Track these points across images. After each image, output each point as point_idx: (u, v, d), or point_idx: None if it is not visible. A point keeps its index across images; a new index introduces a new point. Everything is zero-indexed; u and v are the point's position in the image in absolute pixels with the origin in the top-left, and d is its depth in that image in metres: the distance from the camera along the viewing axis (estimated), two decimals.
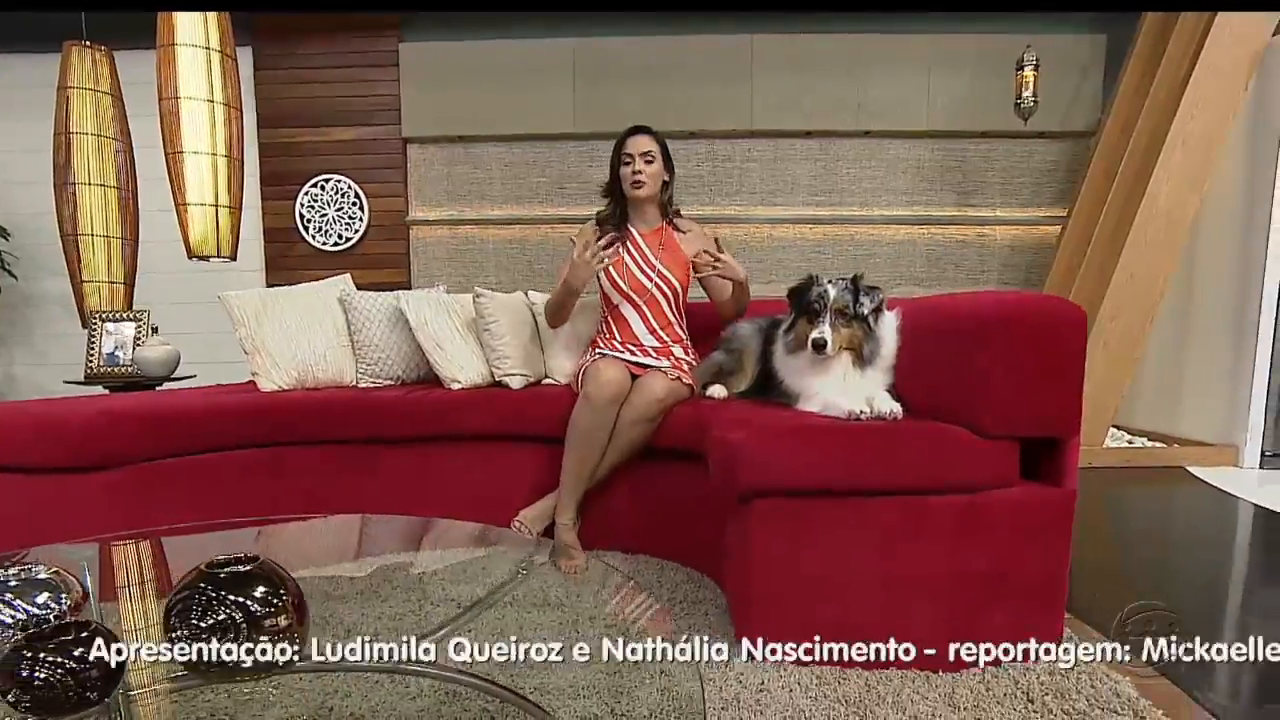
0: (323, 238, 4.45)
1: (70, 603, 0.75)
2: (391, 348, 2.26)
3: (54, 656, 0.62)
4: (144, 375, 2.62)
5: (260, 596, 0.69)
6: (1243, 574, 2.20)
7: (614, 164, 2.15)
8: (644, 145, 2.09)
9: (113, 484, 1.64)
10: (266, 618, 0.68)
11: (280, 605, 0.69)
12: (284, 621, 0.69)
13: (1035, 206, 4.47)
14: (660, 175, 2.12)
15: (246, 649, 0.67)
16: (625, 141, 2.12)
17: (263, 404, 1.93)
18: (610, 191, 2.18)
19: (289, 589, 0.70)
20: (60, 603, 0.74)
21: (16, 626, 0.72)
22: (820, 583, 1.36)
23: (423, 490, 2.00)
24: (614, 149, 2.16)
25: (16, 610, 0.72)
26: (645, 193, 2.10)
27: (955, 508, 1.34)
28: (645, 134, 2.12)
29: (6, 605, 0.72)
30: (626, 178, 2.09)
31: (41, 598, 0.74)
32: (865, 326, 1.57)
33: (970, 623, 1.35)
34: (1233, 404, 3.31)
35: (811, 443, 1.36)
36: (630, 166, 2.08)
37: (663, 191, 2.16)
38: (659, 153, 2.11)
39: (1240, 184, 3.33)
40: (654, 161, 2.09)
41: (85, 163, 2.72)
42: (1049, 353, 1.34)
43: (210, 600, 0.68)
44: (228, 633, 0.67)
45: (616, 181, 2.14)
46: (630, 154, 2.09)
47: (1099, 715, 1.20)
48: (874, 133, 4.46)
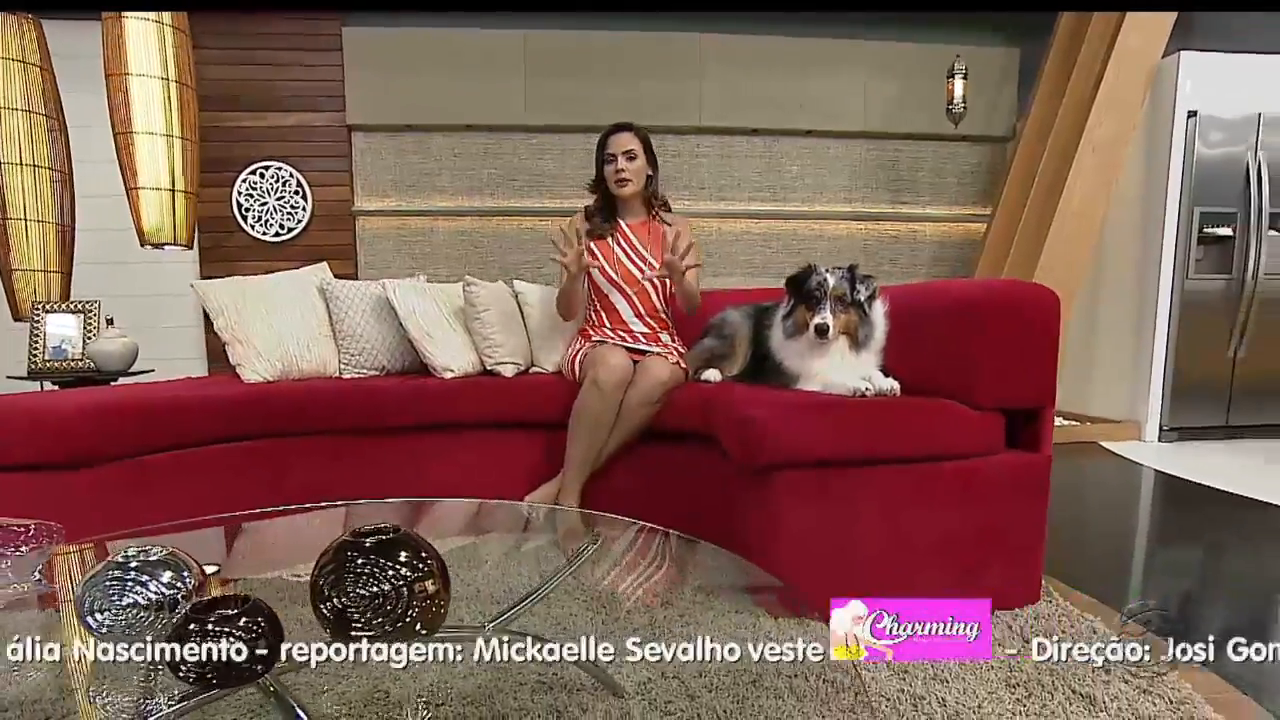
0: (262, 228, 4.24)
1: (194, 582, 0.74)
2: (376, 337, 2.22)
3: (221, 629, 0.63)
4: (100, 369, 2.43)
5: (407, 562, 0.71)
6: (1147, 525, 2.65)
7: (598, 161, 2.20)
8: (626, 143, 2.14)
9: (104, 480, 1.55)
10: (416, 582, 0.71)
11: (427, 570, 0.72)
12: (432, 587, 0.71)
13: (960, 205, 4.81)
14: (644, 171, 2.18)
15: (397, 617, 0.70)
16: (608, 140, 2.17)
17: (256, 395, 1.87)
18: (596, 188, 2.22)
19: (433, 555, 0.73)
20: (185, 582, 0.74)
21: (151, 607, 0.71)
22: (837, 545, 1.47)
23: (421, 479, 1.99)
24: (597, 147, 2.20)
25: (149, 590, 0.71)
26: (629, 190, 2.16)
27: (953, 473, 1.49)
28: (626, 131, 2.17)
29: (141, 586, 0.71)
30: (610, 176, 2.14)
31: (165, 577, 0.73)
32: (861, 312, 1.70)
33: (968, 576, 1.50)
34: (1135, 386, 3.71)
35: (827, 418, 1.47)
36: (613, 165, 2.13)
37: (646, 186, 2.22)
38: (641, 149, 2.17)
39: (1140, 188, 3.73)
40: (636, 158, 2.15)
41: (15, 141, 2.49)
42: (1031, 333, 1.51)
43: (362, 568, 0.70)
44: (385, 599, 0.69)
45: (602, 179, 2.19)
46: (613, 153, 2.14)
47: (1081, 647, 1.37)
48: (815, 132, 4.67)
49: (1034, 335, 1.51)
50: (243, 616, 0.64)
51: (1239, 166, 3.52)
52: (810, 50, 4.55)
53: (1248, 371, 3.61)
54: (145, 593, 0.71)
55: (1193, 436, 3.66)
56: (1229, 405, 3.64)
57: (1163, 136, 3.59)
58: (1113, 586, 1.81)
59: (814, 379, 1.71)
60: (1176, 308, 3.58)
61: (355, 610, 0.68)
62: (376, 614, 0.69)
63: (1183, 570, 2.11)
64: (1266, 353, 3.59)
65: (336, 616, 0.69)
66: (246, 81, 4.16)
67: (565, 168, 4.53)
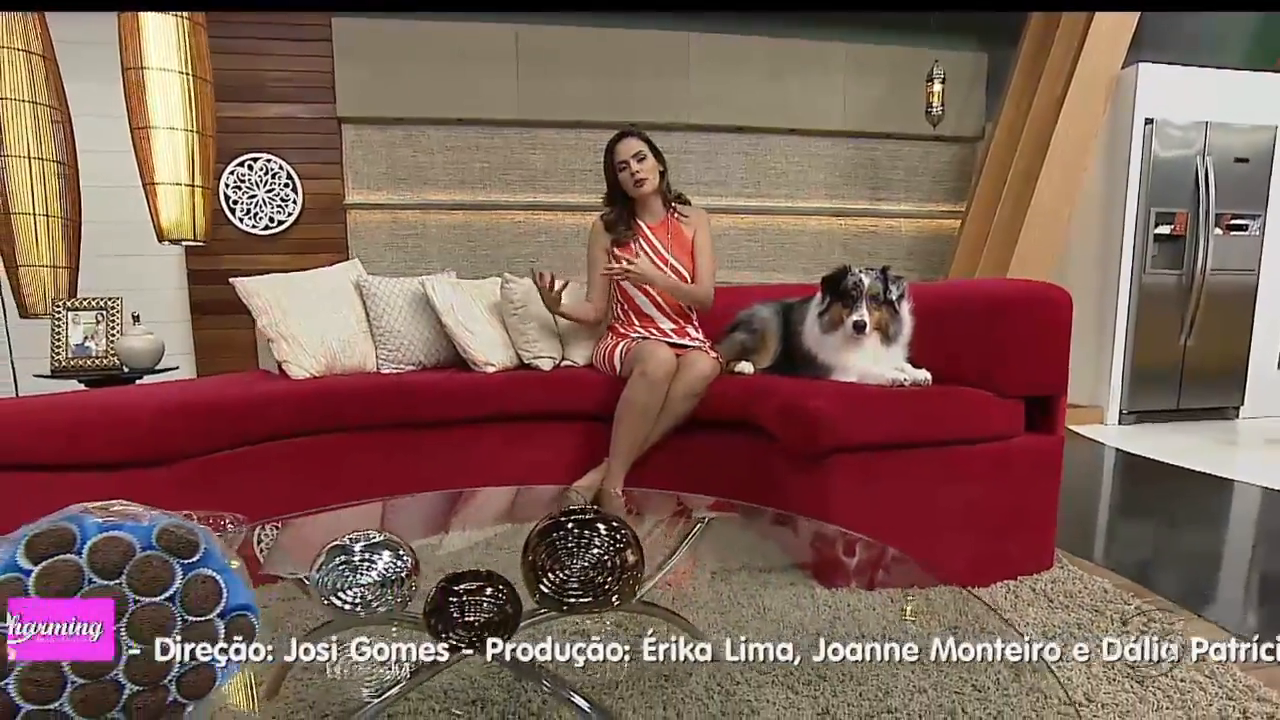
0: (252, 221, 4.16)
1: (412, 560, 0.83)
2: (413, 332, 2.27)
3: (475, 599, 0.73)
4: (128, 367, 2.39)
5: (609, 535, 0.82)
6: (1109, 495, 2.95)
7: (608, 172, 2.28)
8: (634, 147, 2.24)
9: (179, 477, 1.58)
10: (620, 553, 0.82)
11: (628, 542, 0.83)
12: (633, 558, 0.82)
13: (934, 202, 5.06)
14: (656, 168, 2.28)
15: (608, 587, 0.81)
16: (614, 149, 2.26)
17: (315, 392, 1.91)
18: (612, 198, 2.31)
19: (629, 530, 0.84)
20: (404, 560, 0.83)
21: (378, 584, 0.80)
22: (880, 520, 1.62)
23: (470, 470, 2.06)
24: (605, 158, 2.29)
25: (377, 569, 0.80)
26: (648, 188, 2.26)
27: (981, 455, 1.67)
28: (630, 136, 2.26)
29: (370, 566, 0.80)
30: (627, 181, 2.24)
31: (386, 557, 0.82)
32: (892, 310, 1.86)
33: (992, 545, 1.68)
34: (1098, 373, 4.01)
35: (876, 406, 1.62)
36: (627, 170, 2.22)
37: (661, 181, 2.32)
38: (648, 149, 2.26)
39: (1102, 190, 4.02)
40: (645, 158, 2.24)
41: (19, 134, 2.42)
42: (1050, 328, 1.69)
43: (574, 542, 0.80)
44: (600, 568, 0.80)
45: (617, 186, 2.28)
46: (624, 159, 2.23)
47: (1098, 604, 1.57)
48: (798, 130, 4.84)
49: (1052, 329, 1.69)
50: (488, 587, 0.74)
51: (1189, 170, 3.83)
52: (793, 51, 4.71)
53: (1196, 359, 3.95)
54: (376, 571, 0.80)
55: (1148, 419, 3.99)
56: (1180, 390, 3.98)
57: (1122, 142, 3.88)
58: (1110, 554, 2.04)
59: (848, 371, 1.86)
60: (1135, 301, 3.89)
61: (577, 581, 0.78)
62: (589, 585, 0.80)
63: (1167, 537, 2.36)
64: (1212, 342, 3.94)
65: (555, 590, 0.79)
66: (233, 71, 4.06)
67: (557, 162, 4.58)
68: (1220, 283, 3.88)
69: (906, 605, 1.48)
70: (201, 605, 0.62)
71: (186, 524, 0.63)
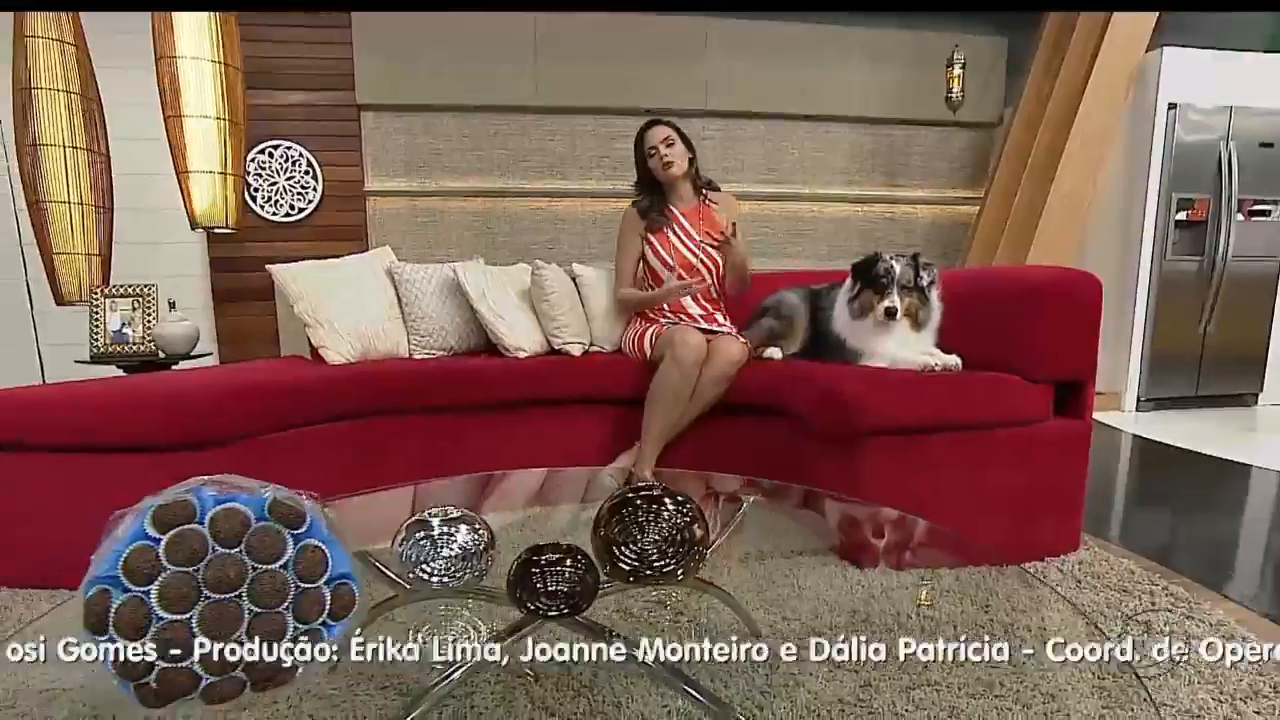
0: (272, 208, 4.20)
1: (489, 535, 0.87)
2: (444, 318, 2.31)
3: (556, 570, 0.77)
4: (164, 353, 2.45)
5: (676, 511, 0.86)
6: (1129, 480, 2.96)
7: (638, 160, 2.32)
8: (662, 133, 2.28)
9: (232, 459, 1.63)
10: (687, 527, 0.85)
11: (694, 517, 0.86)
12: (699, 532, 0.86)
13: (951, 188, 5.05)
14: (685, 153, 2.32)
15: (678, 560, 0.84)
16: (643, 137, 2.31)
17: (356, 376, 1.96)
18: (642, 185, 2.35)
19: (695, 505, 0.88)
20: (481, 534, 0.87)
21: (458, 557, 0.84)
22: (912, 502, 1.65)
23: (504, 453, 2.10)
24: (635, 147, 2.33)
25: (457, 542, 0.84)
26: (677, 171, 2.29)
27: (1011, 438, 1.69)
28: (659, 124, 2.32)
29: (449, 540, 0.84)
30: (657, 166, 2.28)
31: (464, 531, 0.86)
32: (922, 296, 1.88)
33: (1022, 528, 1.71)
34: (1116, 359, 4.01)
35: (909, 390, 1.65)
36: (656, 155, 2.26)
37: (690, 168, 2.35)
38: (677, 135, 2.30)
39: (1123, 176, 4.00)
40: (674, 144, 2.29)
41: (55, 123, 2.45)
42: (1080, 314, 1.71)
43: (644, 517, 0.84)
44: (670, 542, 0.83)
45: (647, 172, 2.31)
46: (653, 145, 2.27)
47: (1125, 585, 1.60)
48: (815, 116, 4.83)
49: (1082, 316, 1.71)
50: (568, 559, 0.78)
51: (1212, 155, 3.81)
52: (811, 36, 4.69)
53: (1215, 346, 3.95)
54: (457, 545, 0.84)
55: (1166, 406, 4.00)
56: (1199, 377, 3.98)
57: (1145, 127, 3.85)
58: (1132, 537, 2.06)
59: (878, 357, 1.89)
60: (1154, 287, 3.88)
61: (649, 554, 0.82)
62: (661, 558, 0.83)
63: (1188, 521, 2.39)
64: (1232, 329, 3.93)
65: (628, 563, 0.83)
66: (253, 59, 4.05)
67: (575, 149, 4.60)
68: (1241, 269, 3.87)
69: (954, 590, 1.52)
70: (311, 573, 0.66)
71: (294, 496, 0.67)
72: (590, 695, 1.13)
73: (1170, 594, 1.55)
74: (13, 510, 1.61)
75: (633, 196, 2.40)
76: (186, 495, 0.64)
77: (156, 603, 0.60)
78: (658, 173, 2.29)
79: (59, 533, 1.58)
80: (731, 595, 1.26)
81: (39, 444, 1.58)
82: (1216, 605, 1.52)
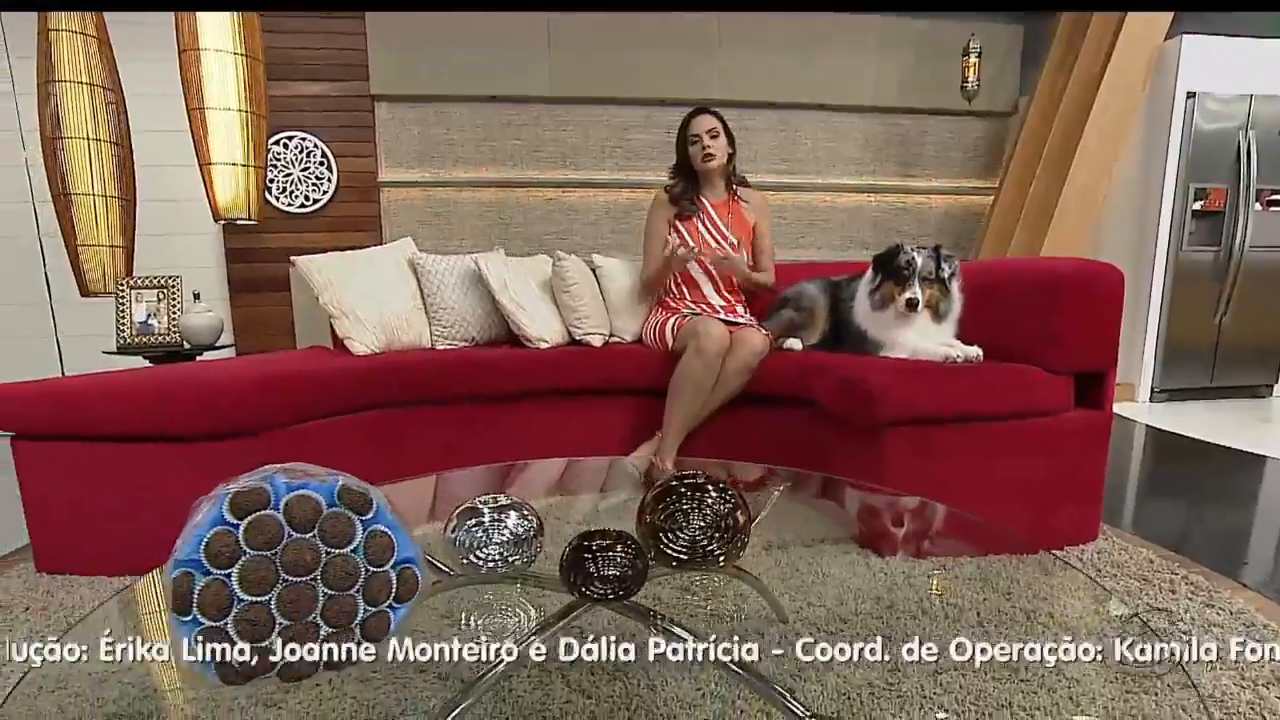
0: (287, 199, 4.22)
1: (537, 521, 0.90)
2: (466, 309, 2.34)
3: (607, 555, 0.80)
4: (189, 343, 2.48)
5: (719, 499, 0.88)
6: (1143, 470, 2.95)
7: (680, 145, 2.35)
8: (708, 123, 2.30)
9: (269, 447, 1.66)
10: (730, 514, 0.88)
11: (737, 503, 0.89)
12: (742, 518, 0.89)
13: (965, 178, 5.03)
14: (726, 148, 2.34)
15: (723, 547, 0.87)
16: (690, 123, 2.32)
17: (384, 366, 1.99)
18: (679, 170, 2.37)
19: (737, 492, 0.90)
20: (529, 520, 0.89)
21: (510, 543, 0.87)
22: (934, 493, 1.67)
23: (526, 443, 2.14)
24: (679, 131, 2.36)
25: (508, 529, 0.87)
26: (715, 164, 2.31)
27: (1032, 429, 1.71)
28: (706, 113, 2.33)
29: (500, 526, 0.87)
30: (697, 155, 2.30)
31: (514, 518, 0.89)
32: (944, 288, 1.89)
33: (1042, 518, 1.73)
34: (1130, 350, 4.01)
35: (931, 381, 1.67)
36: (699, 144, 2.28)
37: (729, 162, 2.37)
38: (721, 128, 2.32)
39: (1140, 165, 3.98)
40: (719, 136, 2.31)
41: (79, 115, 2.48)
42: (1102, 306, 1.72)
43: (688, 504, 0.86)
44: (714, 528, 0.86)
45: (686, 160, 2.33)
46: (697, 134, 2.29)
47: (1144, 573, 1.62)
48: (828, 106, 4.81)
49: (1104, 307, 1.72)
50: (618, 544, 0.80)
51: (1231, 144, 3.78)
52: (822, 24, 4.66)
53: (1231, 337, 3.94)
54: (508, 531, 0.86)
55: (1180, 397, 4.00)
56: (1213, 368, 3.97)
57: (1163, 116, 3.83)
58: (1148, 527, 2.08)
59: (899, 348, 1.91)
60: (1170, 278, 3.87)
61: (693, 541, 0.85)
62: (706, 544, 0.86)
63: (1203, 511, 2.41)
64: (1248, 320, 3.92)
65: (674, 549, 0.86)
66: (267, 49, 4.06)
67: (588, 140, 4.60)
68: (1259, 259, 3.85)
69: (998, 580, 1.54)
70: (379, 557, 0.68)
71: (361, 483, 0.70)
72: (626, 679, 1.16)
73: (1190, 583, 1.57)
74: (48, 498, 1.65)
75: (647, 186, 2.43)
76: (261, 482, 0.67)
77: (238, 585, 0.62)
78: (696, 162, 2.32)
79: (94, 521, 1.63)
80: (761, 581, 1.29)
81: (73, 434, 1.61)
82: (1236, 594, 1.54)
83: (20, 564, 1.76)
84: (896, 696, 1.14)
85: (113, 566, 1.65)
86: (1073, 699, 1.15)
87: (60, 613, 1.52)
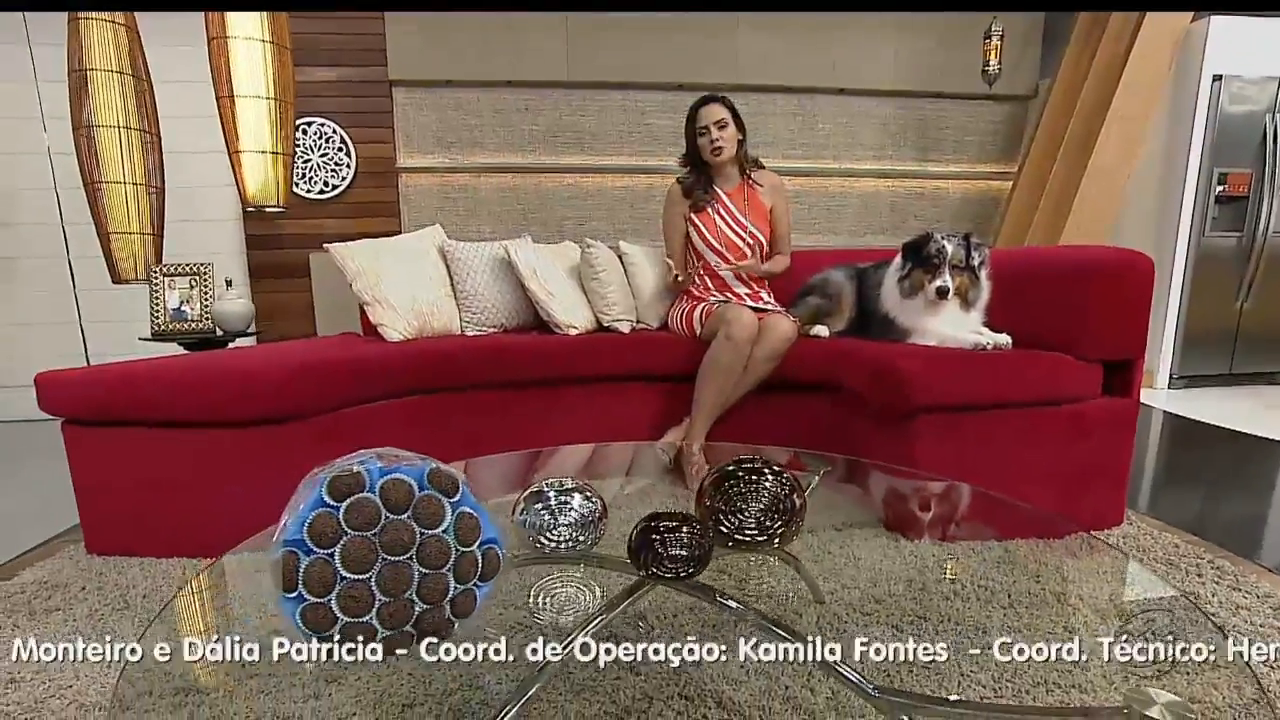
0: (307, 185, 4.24)
1: (601, 504, 0.93)
2: (495, 296, 2.37)
3: (674, 536, 0.83)
4: (222, 330, 2.53)
5: (776, 482, 0.91)
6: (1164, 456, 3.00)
7: (689, 135, 2.34)
8: (716, 114, 2.29)
9: (310, 433, 1.71)
10: (787, 497, 0.91)
11: (793, 487, 0.92)
12: (799, 501, 0.92)
13: (983, 163, 4.99)
14: (735, 137, 2.33)
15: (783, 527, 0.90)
16: (697, 113, 2.31)
17: (420, 352, 2.03)
18: (690, 160, 2.36)
19: (792, 476, 0.93)
20: (594, 503, 0.93)
21: (576, 524, 0.91)
22: (963, 478, 1.70)
23: (556, 428, 2.18)
24: (687, 122, 2.34)
25: (573, 511, 0.90)
26: (724, 156, 2.31)
27: (1062, 416, 1.73)
28: (714, 102, 2.31)
29: (565, 508, 0.90)
30: (705, 147, 2.29)
31: (577, 500, 0.92)
32: (973, 276, 1.91)
33: (1070, 503, 1.76)
34: (1150, 336, 3.99)
35: (965, 367, 1.69)
36: (707, 136, 2.27)
37: (739, 150, 2.36)
38: (730, 116, 2.31)
39: (1163, 149, 3.95)
40: (727, 126, 2.30)
41: (110, 104, 2.50)
42: (1131, 294, 1.73)
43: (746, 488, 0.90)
44: (773, 510, 0.89)
45: (695, 151, 2.32)
46: (705, 125, 2.28)
47: (1171, 558, 1.65)
48: (847, 90, 4.78)
49: (1134, 296, 1.74)
50: (684, 526, 0.84)
51: (1257, 128, 3.74)
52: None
53: (1252, 323, 3.93)
54: (574, 513, 0.90)
55: (1199, 383, 3.99)
56: (1233, 355, 3.97)
57: (1188, 99, 3.79)
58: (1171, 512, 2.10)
59: (928, 335, 1.93)
60: (1191, 263, 3.85)
61: (754, 523, 0.88)
62: (766, 525, 0.89)
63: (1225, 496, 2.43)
64: (1270, 306, 3.90)
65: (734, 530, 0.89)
66: None
67: (606, 125, 4.59)
68: None
69: None
70: (468, 538, 0.72)
71: (447, 467, 0.73)
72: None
73: (1215, 566, 1.60)
74: (98, 481, 1.70)
75: (665, 171, 2.43)
76: (356, 467, 0.70)
77: (340, 564, 0.66)
78: (705, 156, 2.31)
79: (143, 504, 1.68)
80: (800, 563, 1.32)
81: (123, 419, 1.66)
82: (1262, 578, 1.56)
83: (69, 546, 1.82)
84: (935, 674, 1.18)
85: (161, 549, 1.70)
86: (1105, 675, 1.18)
87: (115, 592, 1.58)
